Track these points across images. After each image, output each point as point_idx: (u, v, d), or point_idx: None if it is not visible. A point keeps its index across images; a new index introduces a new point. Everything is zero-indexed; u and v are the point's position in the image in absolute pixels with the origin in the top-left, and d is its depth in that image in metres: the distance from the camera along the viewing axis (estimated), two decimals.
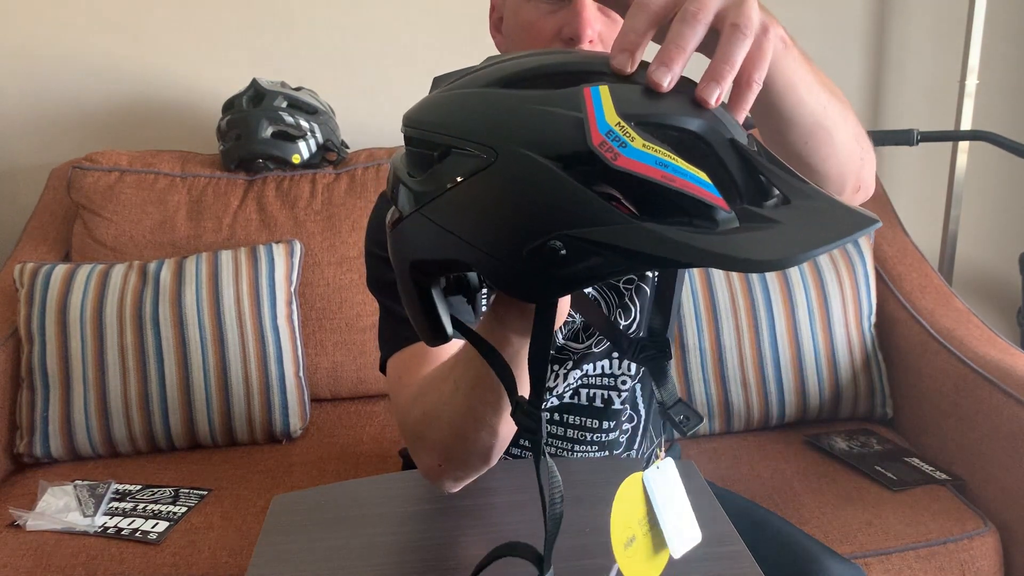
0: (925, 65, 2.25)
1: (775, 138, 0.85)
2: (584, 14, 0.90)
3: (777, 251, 0.49)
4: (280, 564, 0.85)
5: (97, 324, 1.70)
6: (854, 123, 0.89)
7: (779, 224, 0.51)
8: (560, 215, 0.54)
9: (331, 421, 1.84)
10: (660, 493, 0.74)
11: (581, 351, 1.12)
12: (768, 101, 0.77)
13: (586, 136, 0.54)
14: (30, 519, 1.49)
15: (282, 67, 2.07)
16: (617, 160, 0.53)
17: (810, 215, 0.52)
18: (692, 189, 0.52)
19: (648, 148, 0.53)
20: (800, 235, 0.50)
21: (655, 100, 0.56)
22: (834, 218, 0.51)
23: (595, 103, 0.55)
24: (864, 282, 1.78)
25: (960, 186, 2.14)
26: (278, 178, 1.93)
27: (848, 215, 0.51)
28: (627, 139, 0.53)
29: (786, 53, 0.75)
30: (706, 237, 0.51)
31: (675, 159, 0.53)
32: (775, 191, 0.55)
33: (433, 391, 0.86)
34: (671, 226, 0.52)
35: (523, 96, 0.58)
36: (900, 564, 1.41)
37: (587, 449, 1.17)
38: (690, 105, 0.56)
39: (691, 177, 0.53)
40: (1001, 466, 1.50)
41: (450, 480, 0.90)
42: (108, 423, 1.69)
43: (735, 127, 0.56)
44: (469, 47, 2.11)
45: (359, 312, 1.88)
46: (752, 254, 0.49)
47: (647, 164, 0.53)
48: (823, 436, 1.71)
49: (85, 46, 2.06)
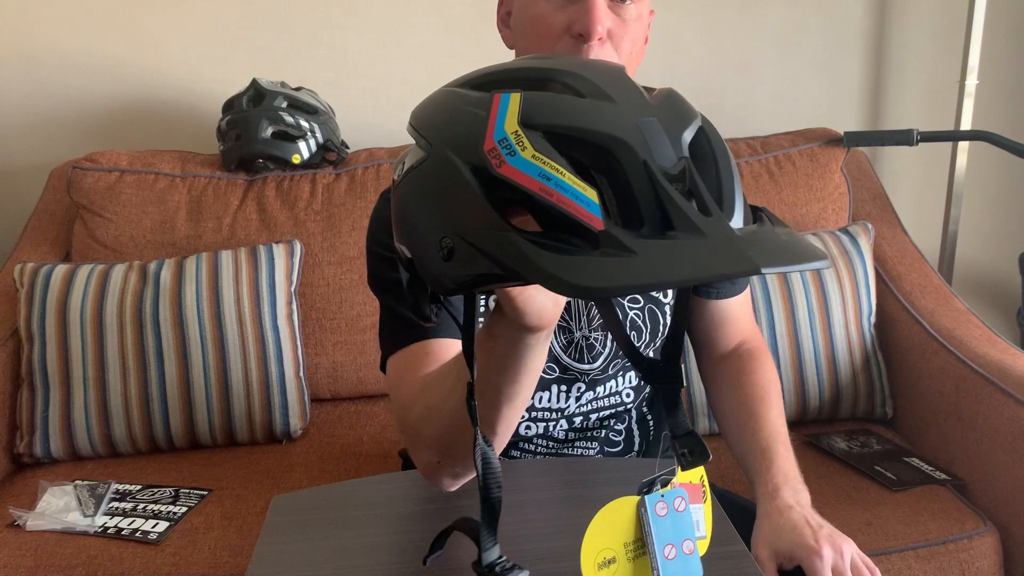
0: (925, 65, 2.25)
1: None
2: (595, 11, 0.90)
3: (595, 280, 0.49)
4: (280, 564, 0.85)
5: (97, 324, 1.70)
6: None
7: (631, 255, 0.50)
8: (456, 214, 0.56)
9: (331, 421, 1.84)
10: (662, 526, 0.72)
11: (592, 373, 1.12)
12: None
13: (480, 141, 0.55)
14: (30, 519, 1.49)
15: (282, 67, 2.07)
16: (501, 168, 0.54)
17: (671, 251, 0.50)
18: (568, 206, 0.52)
19: (536, 159, 0.53)
20: (636, 269, 0.50)
21: (577, 112, 0.55)
22: (697, 257, 0.50)
23: (500, 109, 0.56)
24: (864, 282, 1.78)
25: (960, 186, 2.14)
26: (278, 178, 1.93)
27: (721, 257, 0.50)
28: (518, 148, 0.54)
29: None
30: (552, 255, 0.51)
31: (562, 173, 0.53)
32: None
33: (436, 387, 0.86)
34: (543, 241, 0.52)
35: (464, 97, 0.59)
36: (900, 564, 1.41)
37: (588, 446, 1.17)
38: (614, 120, 0.55)
39: (572, 194, 0.52)
40: (1001, 466, 1.50)
41: (448, 477, 0.90)
42: (108, 423, 1.69)
43: (663, 148, 0.55)
44: (469, 47, 2.12)
45: (359, 312, 1.88)
46: (575, 279, 0.50)
47: (529, 175, 0.53)
48: (823, 436, 1.71)
49: (85, 46, 2.06)
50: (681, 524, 0.74)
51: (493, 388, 0.76)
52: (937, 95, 2.24)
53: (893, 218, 2.00)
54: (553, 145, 0.54)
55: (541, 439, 1.15)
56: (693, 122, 0.58)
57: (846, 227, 1.86)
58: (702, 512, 0.78)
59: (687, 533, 0.74)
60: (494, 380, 0.75)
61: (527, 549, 0.85)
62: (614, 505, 0.72)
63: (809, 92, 2.23)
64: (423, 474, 0.91)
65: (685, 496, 0.74)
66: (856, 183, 2.01)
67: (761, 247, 0.51)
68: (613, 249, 0.51)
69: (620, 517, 0.72)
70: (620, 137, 0.54)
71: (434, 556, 0.73)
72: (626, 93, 0.57)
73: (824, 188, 1.95)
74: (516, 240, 0.53)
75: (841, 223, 1.94)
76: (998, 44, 2.20)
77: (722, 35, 2.18)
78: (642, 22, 0.96)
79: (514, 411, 0.79)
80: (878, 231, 1.93)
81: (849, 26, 2.21)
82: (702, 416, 1.73)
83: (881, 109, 2.27)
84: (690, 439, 0.70)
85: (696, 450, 0.70)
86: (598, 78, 0.57)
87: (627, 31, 0.93)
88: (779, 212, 1.92)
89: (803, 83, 2.23)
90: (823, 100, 2.24)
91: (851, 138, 1.98)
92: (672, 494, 0.73)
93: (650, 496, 0.72)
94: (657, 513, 0.72)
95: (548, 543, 0.86)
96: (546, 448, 1.15)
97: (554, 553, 0.84)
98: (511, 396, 0.77)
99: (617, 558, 0.72)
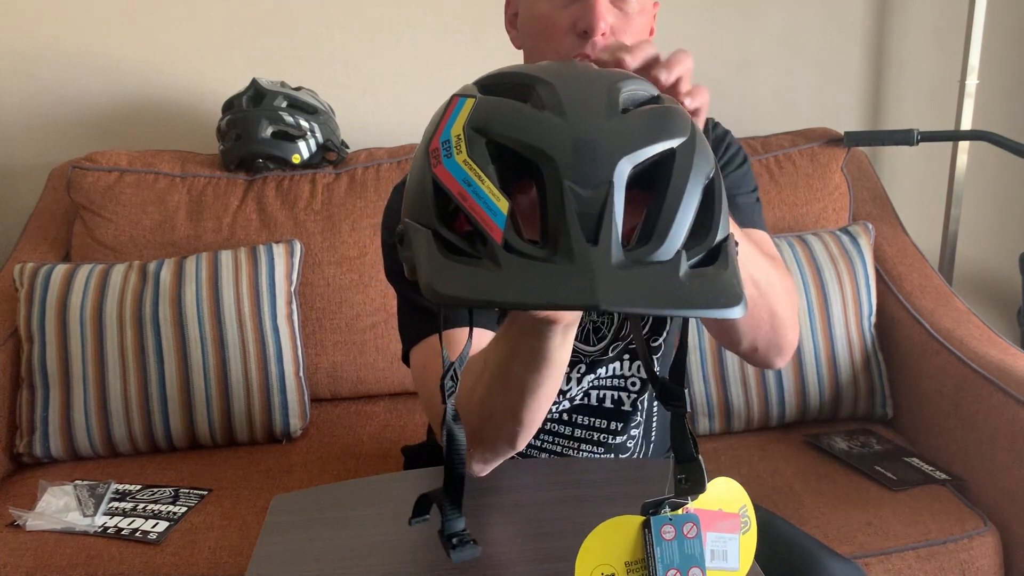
0: (925, 65, 2.25)
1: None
2: (598, 7, 0.92)
3: (448, 288, 0.52)
4: (280, 564, 0.85)
5: (97, 324, 1.70)
6: (767, 280, 0.95)
7: (498, 269, 0.52)
8: (410, 204, 0.60)
9: (331, 421, 1.84)
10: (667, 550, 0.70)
11: (593, 355, 1.12)
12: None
13: (431, 140, 0.58)
14: (30, 519, 1.49)
15: (282, 67, 2.07)
16: (435, 168, 0.56)
17: (531, 272, 0.52)
18: (476, 213, 0.54)
19: (466, 164, 0.55)
20: (490, 284, 0.52)
21: (522, 124, 0.56)
22: (547, 283, 0.51)
23: (453, 112, 0.59)
24: (864, 282, 1.78)
25: (960, 186, 2.14)
26: (278, 178, 1.93)
27: (568, 286, 0.51)
28: (455, 151, 0.56)
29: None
30: (443, 258, 0.54)
31: (483, 180, 0.55)
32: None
33: (466, 375, 0.86)
34: (454, 243, 0.55)
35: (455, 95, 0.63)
36: (900, 564, 1.41)
37: (594, 450, 1.17)
38: (552, 136, 0.55)
39: (484, 202, 0.54)
40: (1001, 466, 1.50)
41: (479, 463, 0.91)
42: (108, 423, 1.69)
43: (590, 169, 0.55)
44: (469, 47, 2.12)
45: (359, 312, 1.88)
46: (433, 281, 0.53)
47: (455, 179, 0.55)
48: (823, 436, 1.71)
49: (85, 46, 2.06)
50: (690, 550, 0.71)
51: (516, 378, 0.77)
52: (937, 95, 2.24)
53: (893, 218, 2.00)
54: (493, 153, 0.56)
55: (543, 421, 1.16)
56: (659, 144, 0.57)
57: (846, 227, 1.86)
58: (736, 543, 0.75)
59: (696, 561, 0.71)
60: (516, 370, 0.77)
61: (527, 549, 0.85)
62: (617, 522, 0.70)
63: (809, 92, 2.23)
64: None
65: (698, 522, 0.72)
66: (856, 183, 2.01)
67: (632, 284, 0.51)
68: (490, 261, 0.53)
69: (622, 535, 0.70)
70: (549, 154, 0.55)
71: (418, 520, 0.73)
72: (585, 108, 0.57)
73: (824, 188, 1.95)
74: (427, 237, 0.56)
75: (841, 223, 1.94)
76: (998, 44, 2.20)
77: (722, 35, 2.18)
78: (645, 15, 0.97)
79: (537, 402, 0.79)
80: (878, 231, 1.93)
81: (849, 26, 2.21)
82: (702, 416, 1.73)
83: (881, 109, 2.27)
84: (691, 467, 0.69)
85: (694, 478, 0.69)
86: (568, 89, 0.58)
87: (630, 25, 0.95)
88: (779, 212, 1.92)
89: (803, 83, 2.23)
90: (823, 100, 2.24)
91: (851, 138, 1.98)
92: (682, 519, 0.71)
93: (656, 517, 0.71)
94: (663, 536, 0.70)
95: (548, 543, 0.86)
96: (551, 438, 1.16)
97: (554, 553, 0.84)
98: (533, 387, 0.77)
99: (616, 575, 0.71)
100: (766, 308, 0.96)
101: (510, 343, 0.76)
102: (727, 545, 0.74)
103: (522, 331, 0.74)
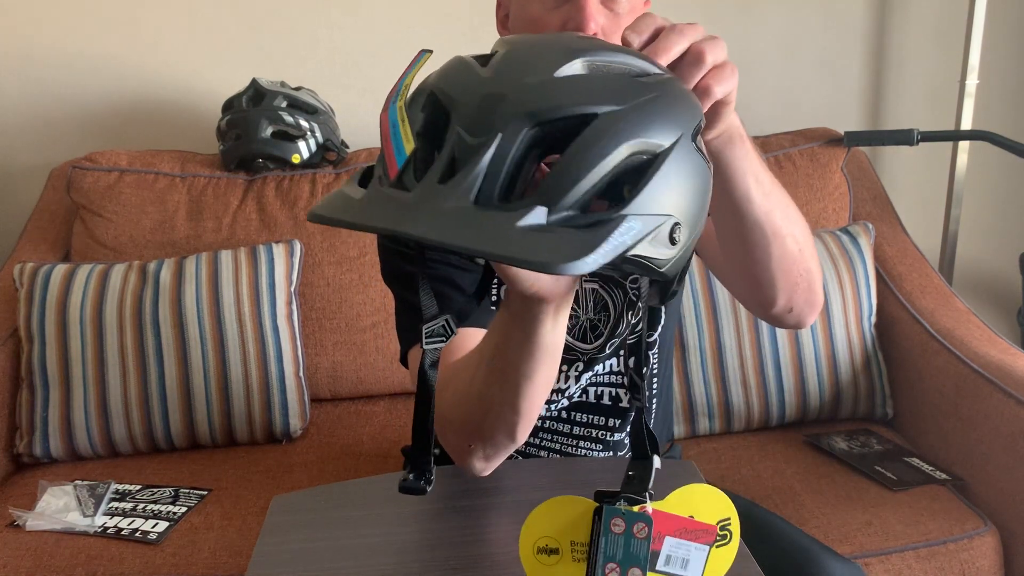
0: (925, 65, 2.24)
1: (721, 232, 0.96)
2: (588, 8, 0.92)
3: (319, 209, 0.56)
4: (280, 564, 0.85)
5: (97, 324, 1.70)
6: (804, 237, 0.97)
7: (366, 198, 0.56)
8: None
9: (331, 421, 1.84)
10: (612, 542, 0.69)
11: (591, 352, 1.12)
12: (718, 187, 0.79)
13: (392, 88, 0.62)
14: (30, 519, 1.49)
15: (282, 67, 2.07)
16: (383, 113, 0.60)
17: (374, 200, 0.56)
18: (387, 152, 0.58)
19: (400, 110, 0.59)
20: (347, 208, 0.56)
21: (453, 78, 0.60)
22: (373, 209, 0.55)
23: (412, 64, 0.63)
24: (864, 282, 1.78)
25: (960, 186, 2.14)
26: (278, 178, 1.93)
27: (384, 213, 0.54)
28: (398, 98, 0.60)
29: (741, 143, 0.84)
30: (342, 188, 0.59)
31: (404, 124, 0.58)
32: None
33: (462, 373, 0.87)
34: (364, 178, 0.60)
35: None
36: (900, 564, 1.41)
37: (593, 447, 1.17)
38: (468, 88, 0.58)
39: (396, 144, 0.58)
40: (1001, 466, 1.50)
41: (480, 461, 0.90)
42: (108, 423, 1.69)
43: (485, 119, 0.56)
44: (469, 47, 2.11)
45: (359, 312, 1.88)
46: (316, 207, 0.57)
47: (388, 121, 0.59)
48: (823, 436, 1.71)
49: (85, 46, 2.06)
50: (636, 550, 0.69)
51: (511, 365, 0.77)
52: (937, 95, 2.24)
53: (893, 218, 2.00)
54: (428, 103, 0.60)
55: (542, 419, 1.16)
56: (579, 107, 0.56)
57: (846, 227, 1.86)
58: (704, 554, 0.72)
59: (638, 562, 0.69)
60: (511, 357, 0.77)
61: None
62: (572, 500, 0.70)
63: (809, 92, 2.23)
64: (455, 460, 0.91)
65: (650, 524, 0.69)
66: (856, 183, 2.01)
67: (451, 223, 0.52)
68: (371, 192, 0.57)
69: (575, 513, 0.70)
70: (457, 102, 0.58)
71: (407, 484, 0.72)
72: (520, 69, 0.58)
73: (824, 188, 1.95)
74: (361, 172, 0.60)
75: (841, 223, 1.94)
76: (998, 44, 2.20)
77: (722, 35, 2.16)
78: (636, 15, 0.97)
79: (534, 389, 0.79)
80: (878, 231, 1.93)
81: (850, 26, 2.21)
82: (702, 416, 1.73)
83: (881, 109, 2.27)
84: (642, 465, 0.71)
85: (641, 477, 0.70)
86: (518, 53, 0.61)
87: (620, 26, 0.95)
88: None
89: (803, 83, 2.23)
90: (823, 100, 2.24)
91: (851, 138, 1.98)
92: (634, 517, 0.69)
93: (608, 508, 0.69)
94: (611, 527, 0.69)
95: None
96: (550, 437, 1.16)
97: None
98: (528, 373, 0.77)
99: (561, 551, 0.70)
100: (803, 266, 0.96)
101: (503, 330, 0.77)
102: (690, 554, 0.72)
103: (513, 317, 0.74)
